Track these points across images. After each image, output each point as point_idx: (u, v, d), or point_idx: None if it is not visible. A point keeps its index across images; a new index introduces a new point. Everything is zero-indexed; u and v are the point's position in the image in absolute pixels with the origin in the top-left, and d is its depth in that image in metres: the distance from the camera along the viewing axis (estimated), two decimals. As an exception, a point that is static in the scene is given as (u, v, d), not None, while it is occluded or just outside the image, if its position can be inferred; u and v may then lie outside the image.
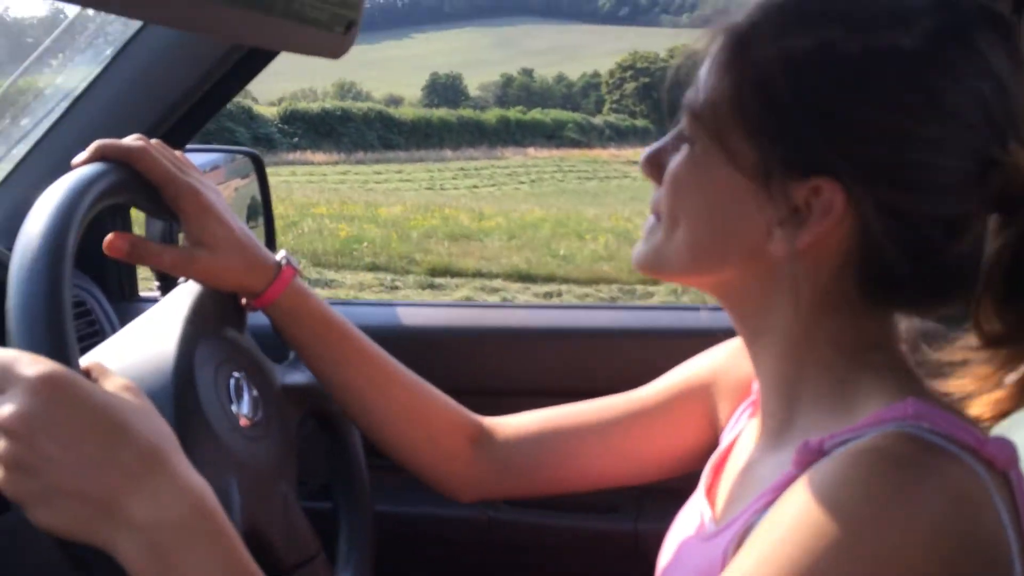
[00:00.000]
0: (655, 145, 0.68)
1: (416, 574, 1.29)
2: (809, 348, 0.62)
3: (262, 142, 30.82)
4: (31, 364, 0.52)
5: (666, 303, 7.77)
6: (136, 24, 1.10)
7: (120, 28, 1.15)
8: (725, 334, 0.79)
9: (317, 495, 1.18)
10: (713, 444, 0.81)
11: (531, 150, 39.72)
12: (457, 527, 1.26)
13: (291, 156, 29.71)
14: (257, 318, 0.82)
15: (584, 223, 12.54)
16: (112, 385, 0.56)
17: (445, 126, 39.50)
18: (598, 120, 52.15)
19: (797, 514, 0.51)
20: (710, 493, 0.73)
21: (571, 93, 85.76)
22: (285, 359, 0.88)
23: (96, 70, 1.14)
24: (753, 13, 0.60)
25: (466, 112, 43.55)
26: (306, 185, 21.67)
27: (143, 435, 0.54)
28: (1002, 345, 0.60)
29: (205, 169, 1.32)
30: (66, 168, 0.65)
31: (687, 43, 0.64)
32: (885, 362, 0.61)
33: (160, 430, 0.55)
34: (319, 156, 30.43)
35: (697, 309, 1.29)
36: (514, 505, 1.25)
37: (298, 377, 0.85)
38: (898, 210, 0.56)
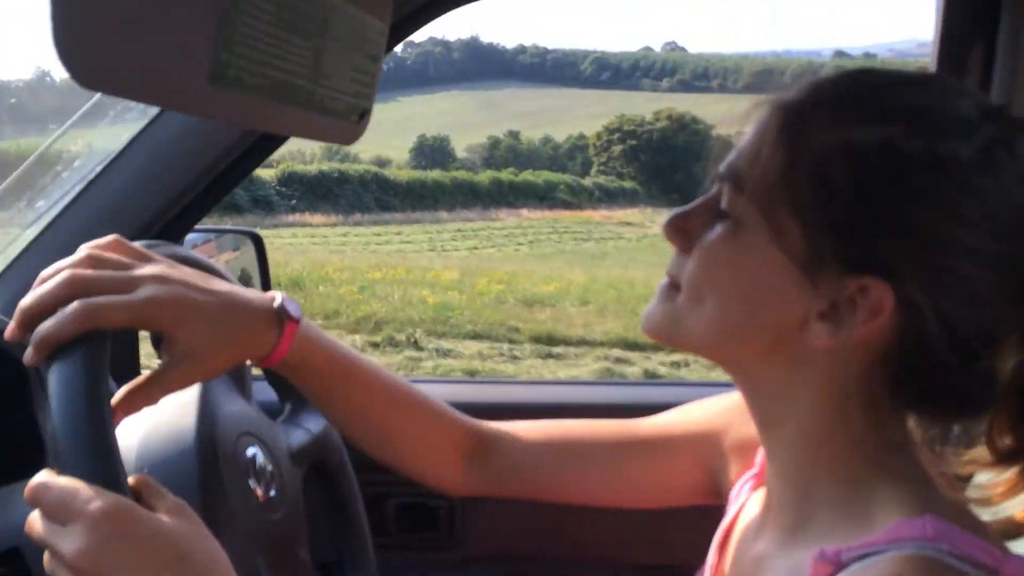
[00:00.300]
0: (681, 210, 0.66)
1: None
2: (826, 445, 0.61)
3: (261, 204, 30.94)
4: (92, 499, 0.52)
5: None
6: (152, 109, 1.13)
7: (136, 116, 1.18)
8: None
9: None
10: (711, 489, 0.83)
11: (524, 211, 40.13)
12: None
13: (290, 218, 29.88)
14: None
15: (638, 287, 12.49)
16: (164, 506, 0.57)
17: (439, 188, 39.85)
18: (587, 182, 52.72)
19: None
20: (716, 575, 0.73)
21: (558, 155, 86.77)
22: (280, 411, 0.90)
23: (112, 156, 1.16)
24: (808, 93, 0.59)
25: (459, 174, 43.97)
26: (310, 247, 21.72)
27: (202, 562, 0.55)
28: (1014, 461, 0.60)
29: (197, 243, 1.35)
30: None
31: (671, 107, 0.66)
32: (903, 468, 0.60)
33: (215, 554, 0.57)
34: (317, 218, 30.61)
35: (704, 385, 1.39)
36: None
37: (300, 436, 0.86)
38: (945, 317, 0.55)
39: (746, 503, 0.74)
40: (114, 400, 0.64)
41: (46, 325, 0.58)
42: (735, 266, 0.60)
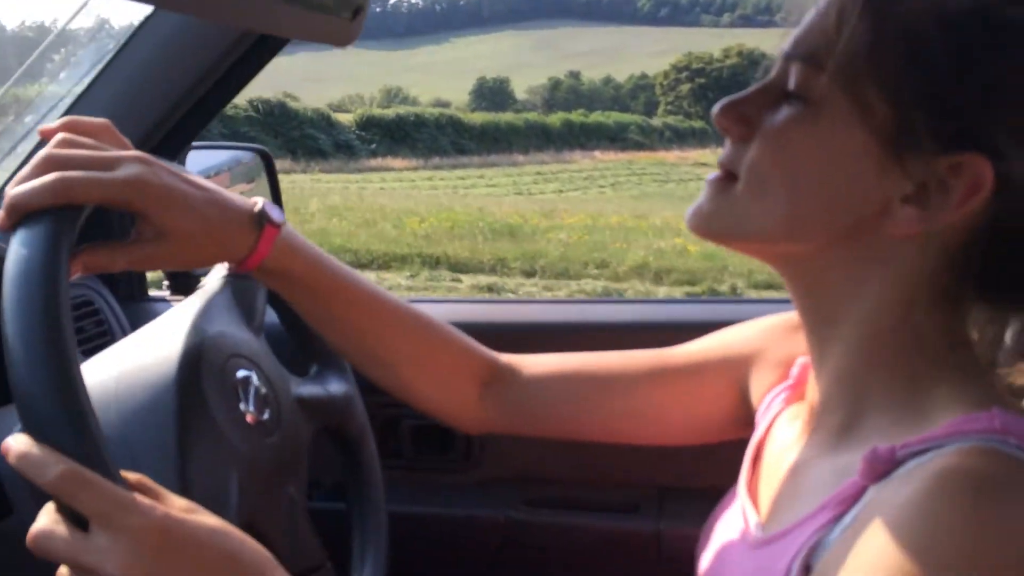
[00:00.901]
0: (735, 96, 0.59)
1: (433, 574, 1.25)
2: (889, 342, 0.56)
3: (343, 149, 31.03)
4: (129, 513, 0.47)
5: (686, 296, 7.74)
6: (139, 18, 1.07)
7: (124, 23, 1.11)
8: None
9: (331, 495, 1.16)
10: (744, 419, 0.76)
11: (597, 153, 39.57)
12: (473, 528, 1.22)
13: (372, 162, 29.85)
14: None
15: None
16: (179, 506, 0.51)
17: (513, 130, 39.48)
18: (657, 122, 51.83)
19: (881, 555, 0.46)
20: (751, 491, 0.67)
21: (619, 95, 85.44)
22: (306, 373, 0.86)
23: (100, 66, 1.09)
24: None
25: (532, 116, 43.53)
26: (399, 190, 21.73)
27: (250, 557, 0.52)
28: None
29: (210, 174, 1.29)
30: None
31: (740, 43, 0.60)
32: (965, 364, 0.55)
33: (256, 548, 0.53)
34: (399, 162, 30.56)
35: (721, 302, 1.38)
36: (532, 505, 1.21)
37: (315, 390, 0.83)
38: None
39: (779, 414, 0.69)
40: (74, 253, 0.59)
41: (18, 190, 0.55)
42: (809, 150, 0.55)
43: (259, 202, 0.70)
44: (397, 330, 0.79)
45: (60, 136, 0.60)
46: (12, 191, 0.55)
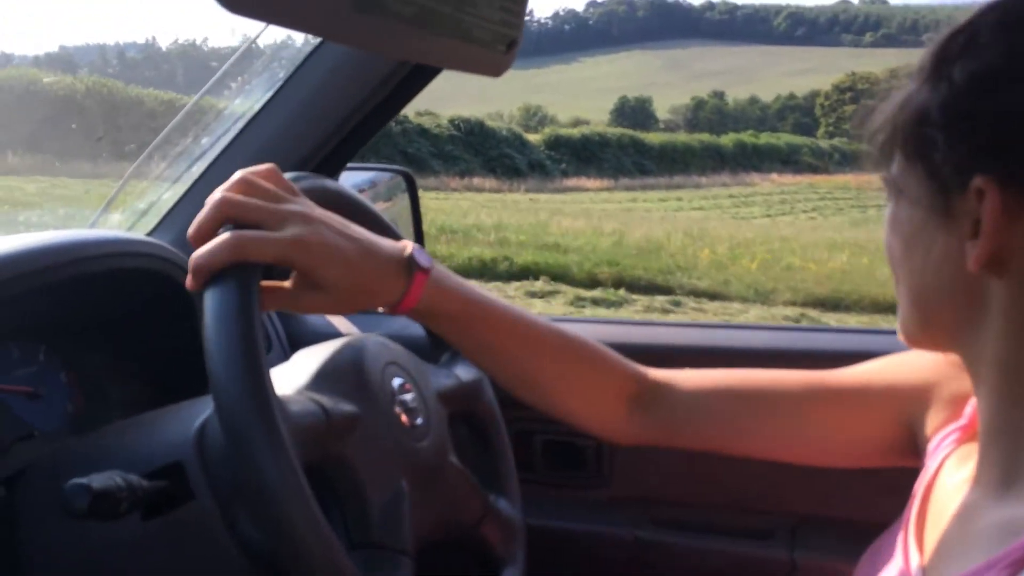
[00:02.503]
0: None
1: None
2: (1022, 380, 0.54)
3: (536, 168, 31.05)
4: None
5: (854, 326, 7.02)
6: (307, 50, 1.17)
7: (294, 53, 1.21)
8: None
9: None
10: (907, 449, 0.75)
11: (774, 175, 38.37)
12: (601, 545, 1.23)
13: (568, 183, 29.64)
14: None
15: None
16: None
17: (689, 151, 38.77)
18: (825, 144, 50.05)
19: None
20: (917, 533, 0.64)
21: (766, 116, 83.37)
22: (438, 361, 0.89)
23: (269, 93, 1.19)
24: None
25: (704, 137, 42.65)
26: (619, 212, 21.34)
27: None
28: None
29: (356, 190, 1.25)
30: None
31: (908, 63, 0.58)
32: None
33: None
34: (592, 182, 30.25)
35: (879, 332, 1.20)
36: (662, 526, 1.21)
37: (448, 381, 0.86)
38: None
39: (949, 455, 0.66)
40: None
41: (200, 252, 0.61)
42: (898, 238, 0.59)
43: (408, 247, 0.73)
44: (547, 352, 0.81)
45: (240, 176, 0.65)
46: (194, 256, 0.61)
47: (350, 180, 1.32)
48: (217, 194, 0.64)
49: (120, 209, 1.30)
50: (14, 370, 0.91)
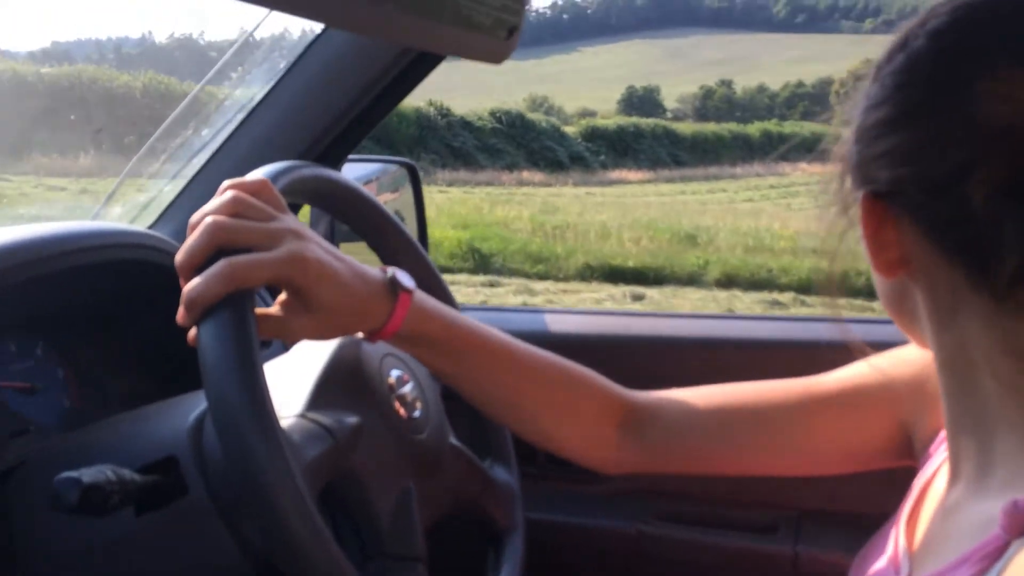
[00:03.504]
0: None
1: None
2: (973, 378, 0.54)
3: (576, 160, 30.81)
4: None
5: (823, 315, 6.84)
6: (307, 40, 1.16)
7: (294, 43, 1.19)
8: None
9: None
10: (903, 450, 0.74)
11: (803, 165, 38.11)
12: (603, 539, 1.23)
13: (611, 175, 29.35)
14: None
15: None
16: None
17: (720, 141, 38.52)
18: (847, 132, 49.99)
19: None
20: (909, 530, 0.63)
21: (775, 104, 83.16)
22: None
23: (270, 83, 1.18)
24: None
25: (732, 126, 42.39)
26: (675, 206, 21.09)
27: None
28: None
29: (361, 183, 1.29)
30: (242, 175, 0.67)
31: None
32: None
33: None
34: (634, 174, 29.98)
35: (879, 323, 1.10)
36: (664, 520, 1.21)
37: None
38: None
39: (944, 461, 0.65)
40: None
41: (193, 285, 0.60)
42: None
43: (390, 270, 0.72)
44: (532, 378, 0.79)
45: (230, 197, 0.63)
46: (187, 289, 0.60)
47: (353, 172, 1.31)
48: (208, 219, 0.62)
49: (121, 202, 1.31)
50: (11, 365, 0.90)
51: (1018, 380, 0.52)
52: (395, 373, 0.77)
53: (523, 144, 29.54)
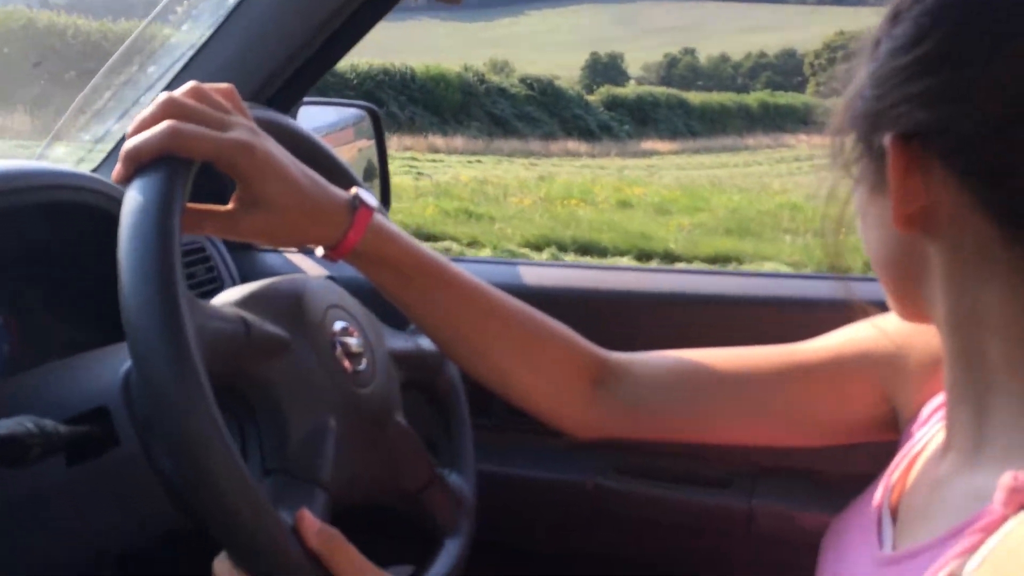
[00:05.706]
0: None
1: (517, 536, 1.26)
2: (977, 342, 0.51)
3: (604, 130, 29.85)
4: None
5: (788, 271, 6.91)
6: None
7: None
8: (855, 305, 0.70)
9: None
10: (884, 421, 0.72)
11: (803, 136, 38.09)
12: (561, 492, 1.22)
13: (644, 146, 28.56)
14: None
15: None
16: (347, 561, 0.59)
17: (725, 111, 38.14)
18: (830, 103, 50.24)
19: None
20: (895, 500, 0.62)
21: (738, 74, 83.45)
22: (404, 328, 0.86)
23: (219, 19, 1.14)
24: None
25: (735, 96, 42.00)
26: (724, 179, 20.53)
27: None
28: None
29: (335, 130, 1.30)
30: None
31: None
32: None
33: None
34: (665, 145, 29.25)
35: (823, 278, 1.16)
36: (622, 473, 1.20)
37: (407, 344, 0.83)
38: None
39: (937, 432, 0.63)
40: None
41: (134, 139, 0.58)
42: (861, 223, 0.58)
43: (354, 189, 0.71)
44: (502, 323, 0.76)
45: (191, 85, 0.63)
46: (128, 142, 0.58)
47: (311, 116, 1.28)
48: (163, 94, 0.61)
49: (66, 142, 1.25)
50: None
51: None
52: (339, 324, 0.73)
53: (555, 112, 28.54)
